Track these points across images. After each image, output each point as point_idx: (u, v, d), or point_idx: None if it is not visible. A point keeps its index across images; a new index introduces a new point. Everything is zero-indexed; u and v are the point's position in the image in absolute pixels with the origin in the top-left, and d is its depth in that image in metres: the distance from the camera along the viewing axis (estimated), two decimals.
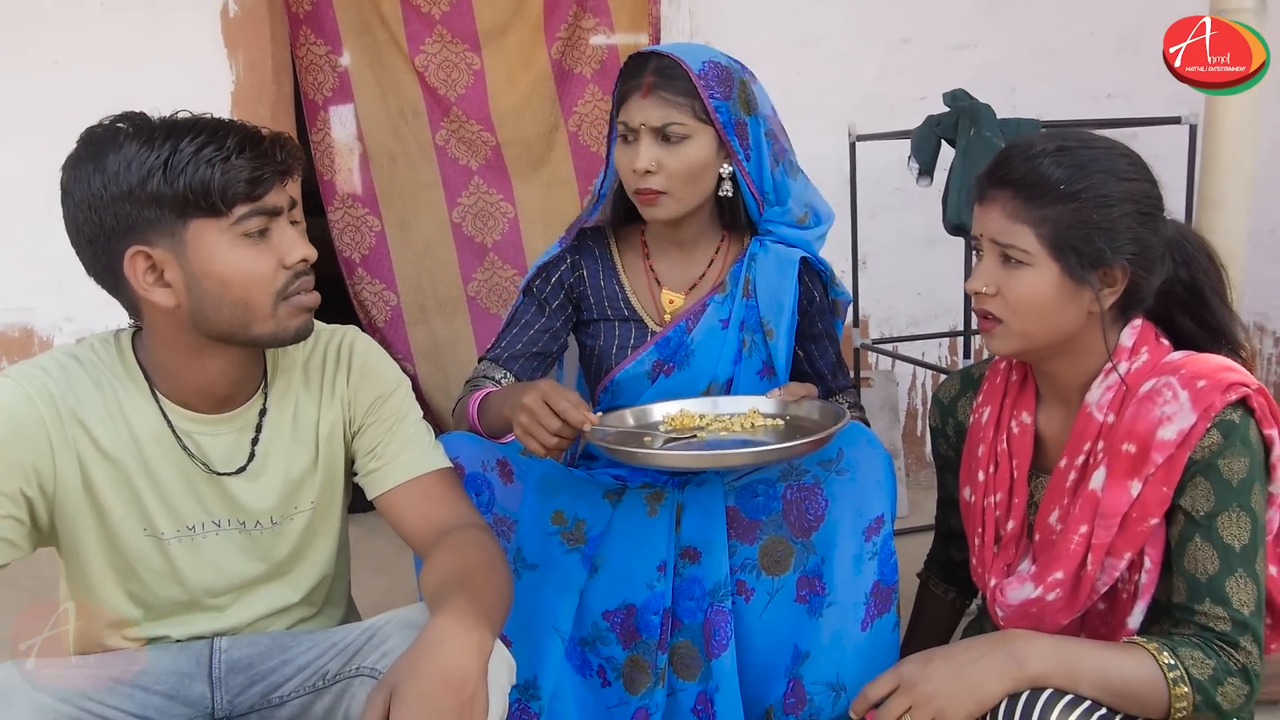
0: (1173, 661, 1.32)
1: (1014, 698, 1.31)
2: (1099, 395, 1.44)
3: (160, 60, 3.12)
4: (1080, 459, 1.44)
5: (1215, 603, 1.35)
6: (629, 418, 1.78)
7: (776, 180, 1.92)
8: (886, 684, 1.36)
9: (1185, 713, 1.32)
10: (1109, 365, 1.43)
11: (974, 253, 1.47)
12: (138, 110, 1.33)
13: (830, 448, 1.69)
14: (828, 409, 1.69)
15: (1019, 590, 1.48)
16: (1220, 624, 1.34)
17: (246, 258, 1.33)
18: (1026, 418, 1.54)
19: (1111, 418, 1.42)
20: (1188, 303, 1.49)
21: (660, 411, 1.79)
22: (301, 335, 1.41)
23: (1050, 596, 1.44)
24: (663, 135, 1.76)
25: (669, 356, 1.90)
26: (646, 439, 1.67)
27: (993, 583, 1.53)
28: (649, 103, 1.75)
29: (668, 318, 1.93)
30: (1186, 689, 1.31)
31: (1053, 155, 1.38)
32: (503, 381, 1.88)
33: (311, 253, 1.38)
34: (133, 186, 1.27)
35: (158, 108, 1.34)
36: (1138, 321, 1.45)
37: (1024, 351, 1.46)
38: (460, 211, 3.41)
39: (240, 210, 1.31)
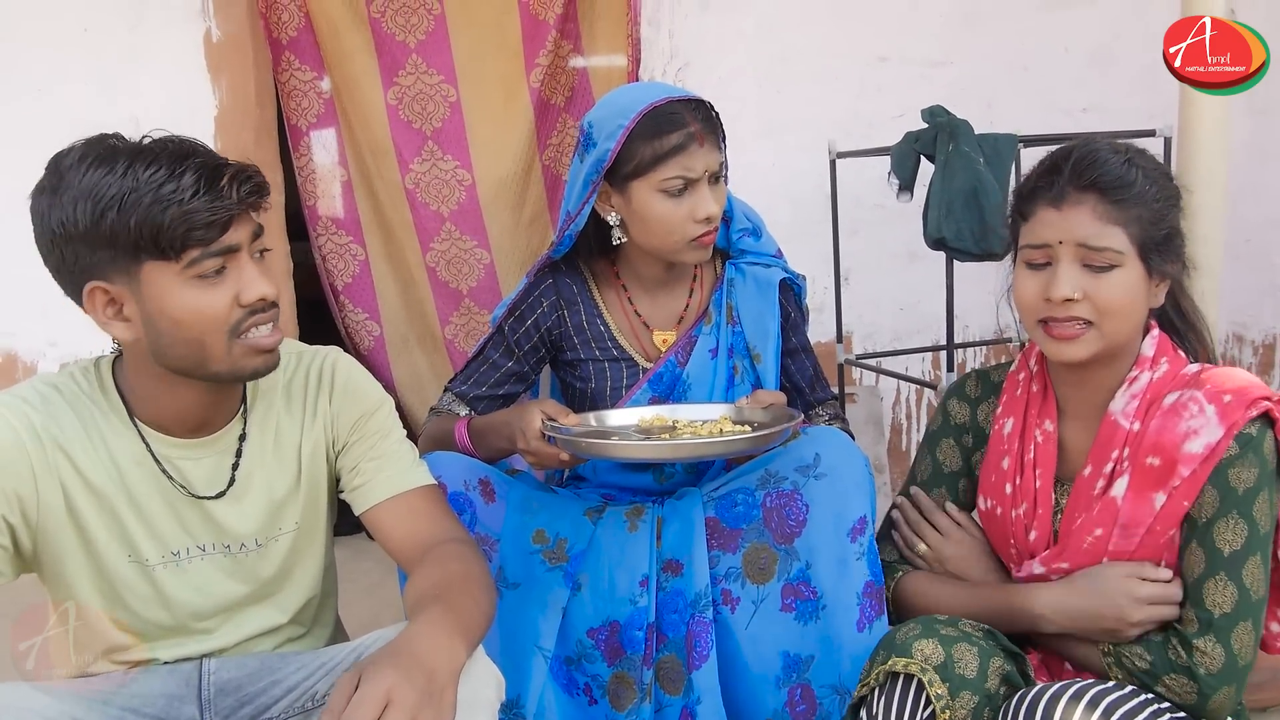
0: (1108, 648, 1.43)
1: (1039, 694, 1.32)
2: (1124, 404, 1.46)
3: (143, 84, 3.10)
4: (1108, 467, 1.47)
5: (1191, 605, 1.38)
6: (593, 421, 1.81)
7: (742, 209, 1.95)
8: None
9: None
10: (1132, 375, 1.46)
11: (1028, 265, 1.46)
12: (112, 133, 1.31)
13: (806, 452, 1.71)
14: (792, 414, 1.71)
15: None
16: (1189, 626, 1.37)
17: (199, 297, 1.31)
18: (1050, 426, 1.55)
19: (1137, 425, 1.44)
20: (1174, 295, 1.55)
21: (635, 416, 1.81)
22: (261, 373, 1.39)
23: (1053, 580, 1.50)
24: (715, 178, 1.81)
25: (664, 393, 1.91)
26: (615, 438, 1.69)
27: None
28: (706, 150, 1.77)
29: (660, 353, 1.94)
30: (1121, 675, 1.41)
31: (1126, 160, 1.43)
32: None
33: (271, 291, 1.35)
34: (87, 228, 1.26)
35: (140, 132, 1.33)
36: (1156, 331, 1.49)
37: (1097, 355, 1.45)
38: (434, 256, 3.33)
39: (192, 254, 1.29)
